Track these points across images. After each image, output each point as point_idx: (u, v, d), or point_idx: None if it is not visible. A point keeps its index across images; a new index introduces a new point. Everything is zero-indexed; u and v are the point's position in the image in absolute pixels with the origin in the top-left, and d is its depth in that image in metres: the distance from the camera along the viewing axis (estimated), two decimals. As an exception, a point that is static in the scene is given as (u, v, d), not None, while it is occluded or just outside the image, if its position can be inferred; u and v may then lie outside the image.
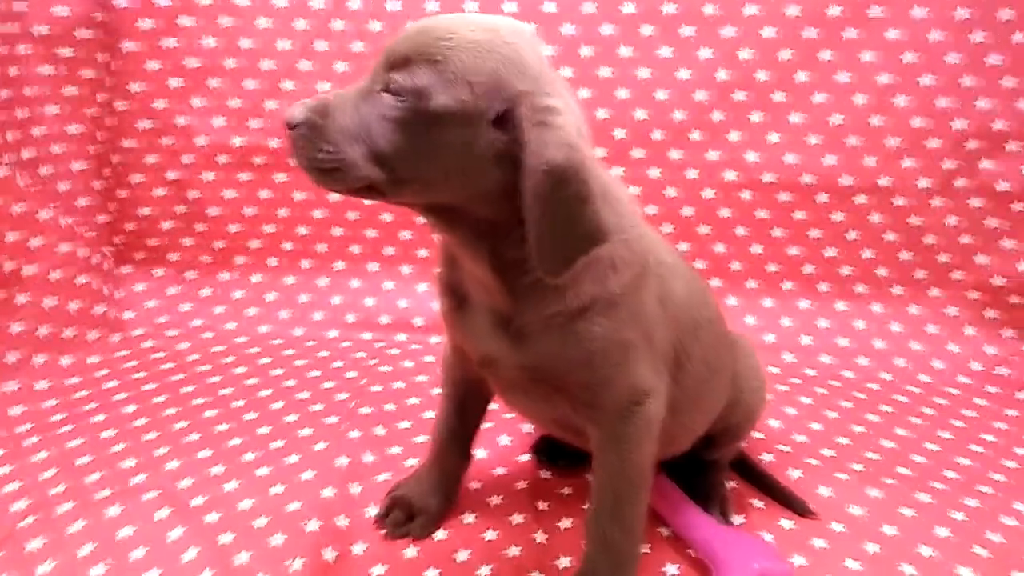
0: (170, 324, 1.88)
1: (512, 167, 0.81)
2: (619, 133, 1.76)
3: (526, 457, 1.39)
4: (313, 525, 1.15)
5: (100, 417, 1.49)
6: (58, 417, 1.49)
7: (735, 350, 1.22)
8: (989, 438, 1.52)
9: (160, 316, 1.89)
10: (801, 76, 1.69)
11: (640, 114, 1.74)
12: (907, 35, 1.64)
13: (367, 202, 1.73)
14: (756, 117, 1.72)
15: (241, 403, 1.57)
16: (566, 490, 1.30)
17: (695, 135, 1.75)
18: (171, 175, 1.83)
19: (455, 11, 1.69)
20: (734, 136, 1.74)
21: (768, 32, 1.66)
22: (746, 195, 1.78)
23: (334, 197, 1.86)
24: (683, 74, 1.70)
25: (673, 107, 1.73)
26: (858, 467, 1.39)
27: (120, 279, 1.92)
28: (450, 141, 0.82)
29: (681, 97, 1.72)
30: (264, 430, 1.47)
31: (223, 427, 1.48)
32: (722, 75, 1.69)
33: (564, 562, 1.12)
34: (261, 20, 1.72)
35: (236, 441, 1.43)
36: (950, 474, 1.38)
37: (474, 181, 0.84)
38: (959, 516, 1.25)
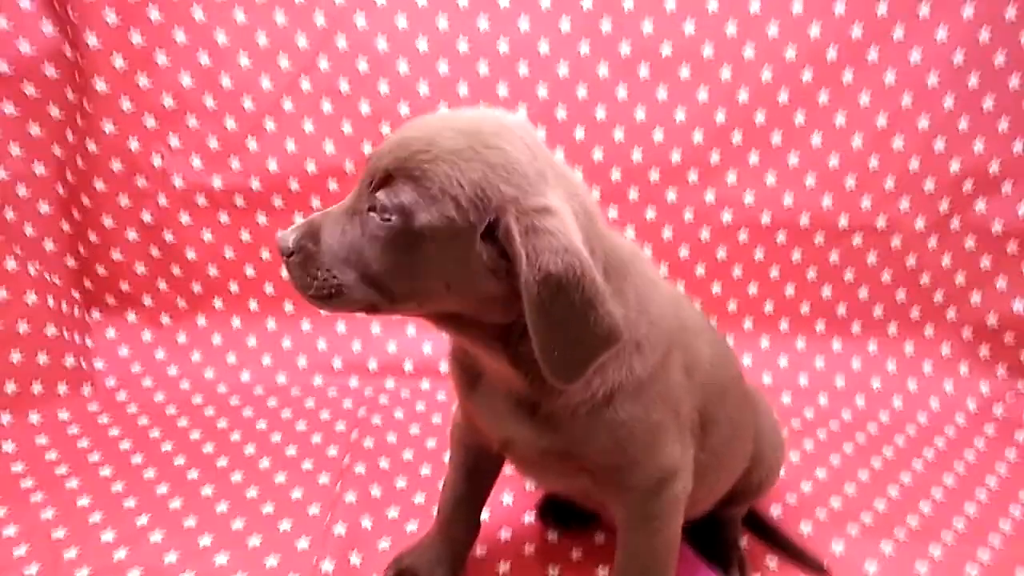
0: (145, 373, 1.78)
1: (510, 276, 0.77)
2: (615, 174, 1.72)
3: (530, 518, 1.34)
4: (315, 605, 1.08)
5: (74, 483, 1.40)
6: (28, 483, 1.39)
7: (757, 408, 1.19)
8: (992, 482, 1.51)
9: (134, 364, 1.79)
10: (799, 117, 1.67)
11: (637, 155, 1.71)
12: (904, 77, 1.64)
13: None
14: (754, 158, 1.70)
15: (225, 462, 1.49)
16: (575, 553, 1.26)
17: (692, 175, 1.72)
18: (145, 217, 1.73)
19: (445, 47, 1.67)
20: (731, 177, 1.72)
21: (766, 74, 1.64)
22: (743, 236, 1.76)
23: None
24: (680, 115, 1.67)
25: (671, 147, 1.70)
26: (867, 519, 1.38)
27: (90, 326, 1.81)
28: (441, 258, 0.78)
29: (678, 138, 1.69)
30: (252, 493, 1.40)
31: (207, 490, 1.40)
32: (720, 116, 1.67)
33: (583, 638, 1.08)
34: (242, 58, 1.64)
35: (223, 507, 1.35)
36: (959, 523, 1.38)
37: (473, 292, 0.81)
38: (974, 572, 1.24)
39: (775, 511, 1.38)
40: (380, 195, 0.77)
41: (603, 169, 1.72)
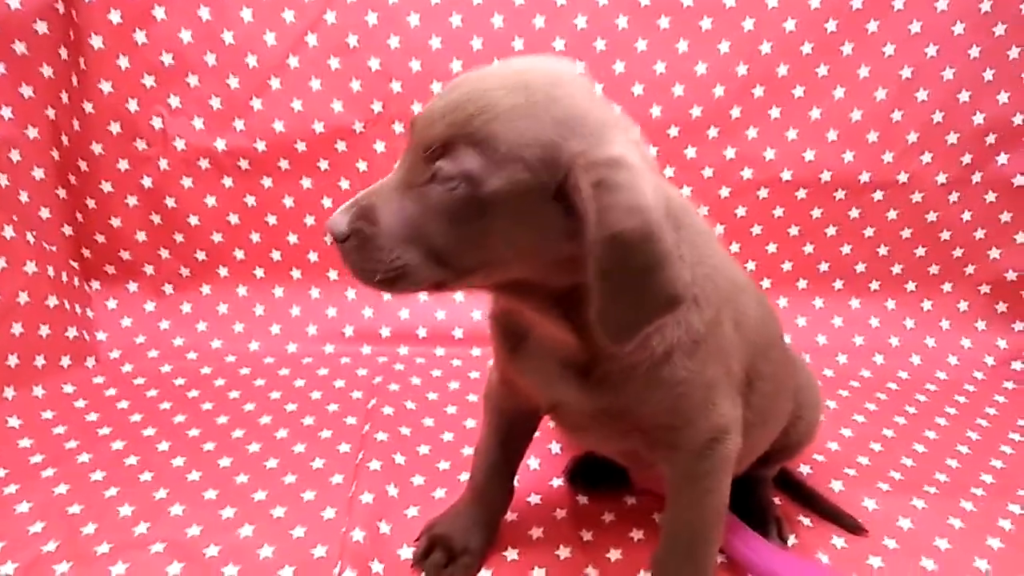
0: (149, 344, 1.72)
1: (579, 236, 0.72)
2: (633, 130, 1.68)
3: (559, 481, 1.32)
4: (349, 574, 1.04)
5: (86, 457, 1.35)
6: (38, 459, 1.34)
7: (795, 366, 1.17)
8: (1016, 437, 1.51)
9: (137, 335, 1.73)
10: (822, 70, 1.63)
11: (656, 110, 1.66)
12: (929, 28, 1.61)
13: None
14: (775, 113, 1.67)
15: (240, 433, 1.45)
16: (608, 517, 1.24)
17: (712, 132, 1.68)
18: (146, 182, 1.67)
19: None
20: (752, 133, 1.68)
21: (789, 24, 1.60)
22: (763, 193, 1.73)
23: (326, 203, 1.73)
24: (701, 68, 1.63)
25: (690, 103, 1.65)
26: (897, 476, 1.37)
27: (90, 297, 1.75)
28: (512, 224, 0.73)
29: (698, 93, 1.65)
30: (272, 463, 1.36)
31: (225, 462, 1.36)
32: (741, 70, 1.63)
33: (621, 600, 1.06)
34: (245, 12, 1.56)
35: (243, 479, 1.31)
36: (987, 478, 1.37)
37: (544, 256, 0.76)
38: (1007, 525, 1.24)
39: (805, 470, 1.37)
40: (442, 164, 0.72)
41: (621, 125, 1.67)
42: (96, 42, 1.53)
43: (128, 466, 1.33)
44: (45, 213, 1.65)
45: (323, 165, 1.69)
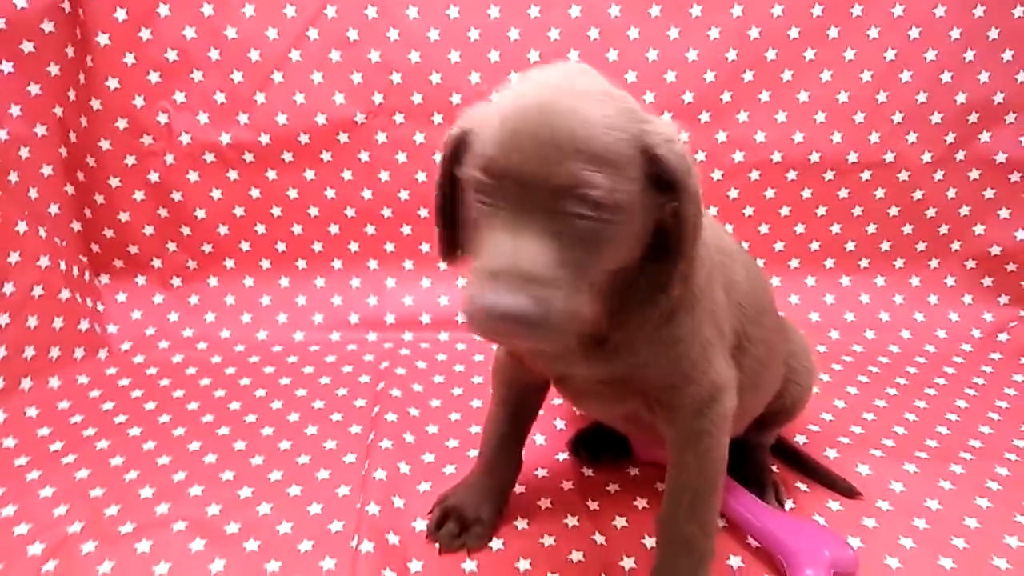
0: (159, 336, 1.76)
1: (660, 211, 0.80)
2: (627, 117, 1.72)
3: (564, 455, 1.36)
4: (367, 547, 1.09)
5: (104, 443, 1.39)
6: (57, 446, 1.38)
7: (786, 332, 1.22)
8: (1003, 405, 1.56)
9: (147, 327, 1.77)
10: (809, 54, 1.68)
11: (649, 96, 1.71)
12: (912, 11, 1.65)
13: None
14: (764, 96, 1.71)
15: (253, 418, 1.49)
16: (612, 487, 1.28)
17: (704, 116, 1.73)
18: (152, 177, 1.70)
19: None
20: (743, 116, 1.73)
21: (777, 10, 1.64)
22: (755, 175, 1.78)
23: (329, 194, 1.77)
24: (692, 55, 1.67)
25: (682, 88, 1.70)
26: (889, 442, 1.42)
27: (99, 291, 1.79)
28: (636, 224, 0.78)
29: (690, 78, 1.69)
30: (285, 445, 1.40)
31: (240, 445, 1.40)
32: (731, 55, 1.67)
33: (628, 563, 1.10)
34: (247, 7, 1.60)
35: (258, 460, 1.35)
36: (975, 443, 1.42)
37: (644, 241, 0.82)
38: (995, 486, 1.29)
39: (800, 440, 1.42)
40: (578, 197, 0.72)
41: (615, 112, 1.71)
42: (102, 40, 1.57)
43: (146, 451, 1.37)
44: (54, 209, 1.69)
45: (326, 156, 1.73)
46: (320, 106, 1.69)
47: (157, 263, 1.80)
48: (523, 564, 1.10)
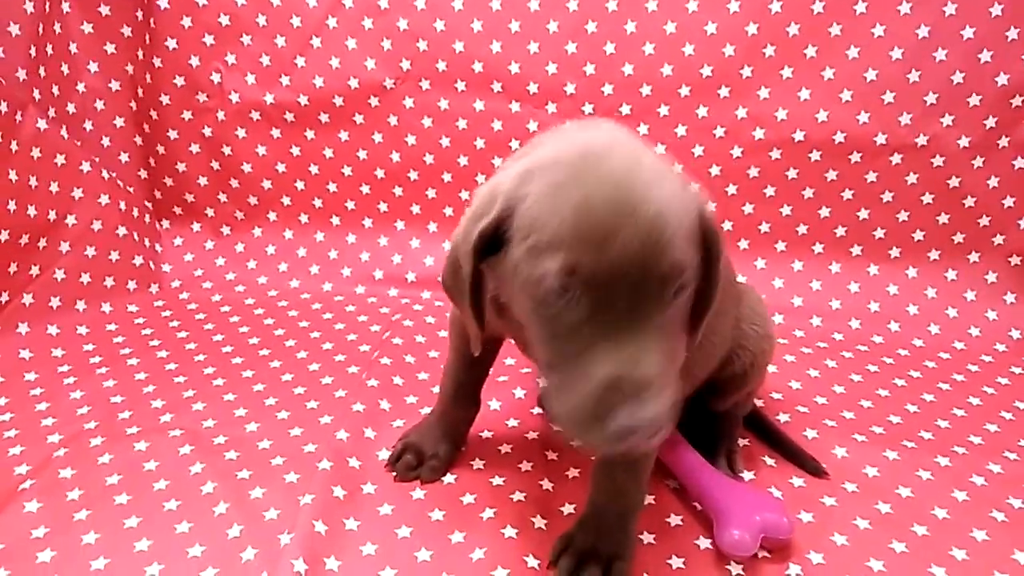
0: (205, 277, 1.94)
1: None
2: (645, 90, 1.73)
3: (539, 411, 1.41)
4: (325, 464, 1.18)
5: (135, 361, 1.57)
6: (96, 360, 1.57)
7: (741, 296, 1.21)
8: (1022, 405, 1.46)
9: (196, 269, 1.95)
10: (835, 29, 1.62)
11: (666, 70, 1.70)
12: (948, -15, 1.57)
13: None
14: (787, 72, 1.67)
15: (266, 352, 1.62)
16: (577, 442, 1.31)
17: (723, 91, 1.71)
18: (206, 131, 1.88)
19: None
20: (764, 93, 1.69)
21: (800, -17, 1.61)
22: (776, 154, 1.73)
23: (361, 155, 1.89)
24: (711, 28, 1.66)
25: (701, 62, 1.68)
26: (878, 430, 1.36)
27: (160, 233, 1.99)
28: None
29: (709, 52, 1.68)
30: (287, 377, 1.52)
31: (248, 373, 1.53)
32: (752, 29, 1.64)
33: (568, 509, 1.14)
34: (290, -24, 1.75)
35: (260, 387, 1.48)
36: (976, 439, 1.34)
37: None
38: (980, 481, 1.22)
39: (783, 418, 1.39)
40: (670, 293, 0.73)
41: (633, 84, 1.73)
42: (163, 2, 1.75)
43: (168, 371, 1.53)
44: (124, 157, 1.91)
45: (358, 119, 1.85)
46: (353, 70, 1.80)
47: (210, 212, 1.98)
48: (468, 498, 1.16)
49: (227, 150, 1.90)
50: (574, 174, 0.74)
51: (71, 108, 1.78)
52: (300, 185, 1.93)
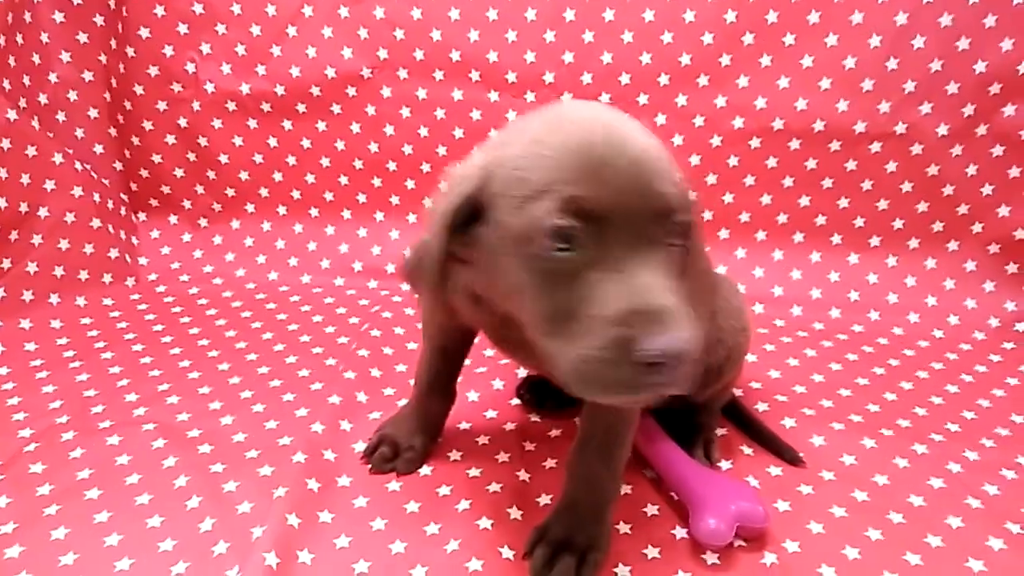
0: (182, 270, 1.92)
1: None
2: (624, 78, 1.72)
3: (517, 402, 1.40)
4: (300, 457, 1.17)
5: (109, 355, 1.55)
6: (69, 354, 1.55)
7: (718, 288, 1.21)
8: (999, 393, 1.46)
9: (174, 262, 1.94)
10: (813, 16, 1.62)
11: (645, 58, 1.70)
12: (926, -30, 1.57)
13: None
14: (766, 61, 1.66)
15: (243, 344, 1.61)
16: (554, 432, 1.31)
17: (702, 80, 1.70)
18: (182, 122, 1.86)
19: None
20: (743, 81, 1.69)
21: (780, -30, 1.60)
22: (755, 142, 1.73)
23: (339, 145, 1.87)
24: (689, 16, 1.65)
25: (680, 50, 1.68)
26: (856, 418, 1.36)
27: (136, 225, 1.97)
28: None
29: (687, 40, 1.67)
30: (264, 370, 1.51)
31: (225, 366, 1.51)
32: (730, 16, 1.64)
33: (544, 500, 1.13)
34: (264, -35, 1.72)
35: (236, 379, 1.46)
36: (953, 427, 1.34)
37: None
38: (956, 468, 1.22)
39: (761, 407, 1.39)
40: (667, 232, 0.72)
41: (612, 73, 1.72)
42: (135, -10, 1.73)
43: (142, 364, 1.52)
44: (99, 149, 1.88)
45: (335, 109, 1.83)
46: (329, 59, 1.78)
47: (187, 204, 1.96)
48: (443, 490, 1.15)
49: (203, 141, 1.87)
50: (553, 128, 0.74)
51: (43, 99, 1.76)
52: (278, 176, 1.91)
